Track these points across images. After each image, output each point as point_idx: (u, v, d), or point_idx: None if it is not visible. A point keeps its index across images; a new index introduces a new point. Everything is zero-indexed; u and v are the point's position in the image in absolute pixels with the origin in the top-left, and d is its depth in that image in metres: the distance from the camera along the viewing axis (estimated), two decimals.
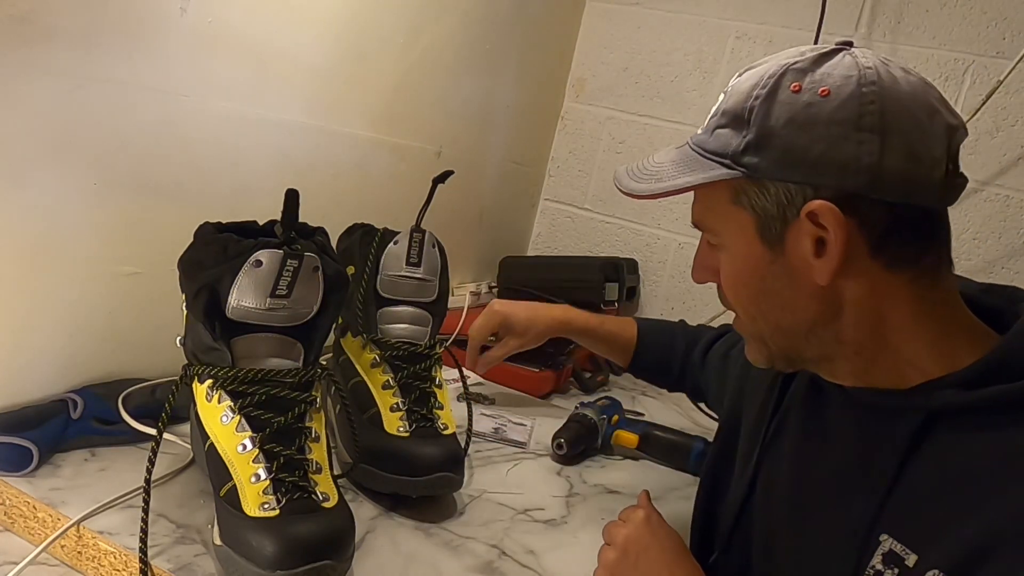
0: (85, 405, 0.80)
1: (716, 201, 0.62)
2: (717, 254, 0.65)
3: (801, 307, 0.61)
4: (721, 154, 0.60)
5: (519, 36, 1.56)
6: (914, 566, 0.54)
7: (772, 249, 0.60)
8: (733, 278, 0.64)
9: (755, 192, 0.59)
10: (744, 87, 0.60)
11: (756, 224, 0.60)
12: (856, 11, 1.51)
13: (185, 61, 0.89)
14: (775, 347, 0.65)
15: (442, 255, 0.90)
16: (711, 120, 0.63)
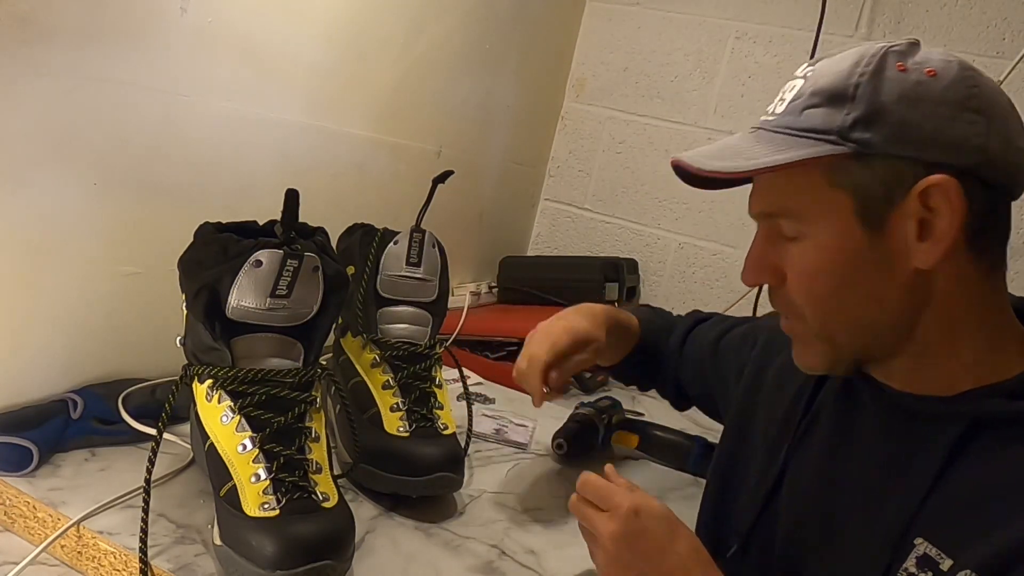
0: (85, 405, 0.80)
1: (808, 183, 0.59)
2: (785, 248, 0.62)
3: (889, 298, 0.59)
4: (823, 131, 0.57)
5: (519, 36, 1.56)
6: (948, 570, 0.54)
7: (871, 232, 0.57)
8: (815, 269, 0.60)
9: (858, 171, 0.57)
10: (841, 67, 0.58)
11: (855, 206, 0.57)
12: (856, 11, 1.51)
13: (185, 61, 0.89)
14: (847, 347, 0.62)
15: (442, 255, 0.90)
16: (794, 103, 0.60)
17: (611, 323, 0.95)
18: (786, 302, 0.63)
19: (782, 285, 0.63)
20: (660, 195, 1.73)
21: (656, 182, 1.73)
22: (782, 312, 0.65)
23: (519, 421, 1.14)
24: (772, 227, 0.63)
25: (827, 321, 0.61)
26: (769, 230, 0.63)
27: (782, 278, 0.63)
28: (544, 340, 0.90)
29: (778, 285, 0.63)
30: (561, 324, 0.91)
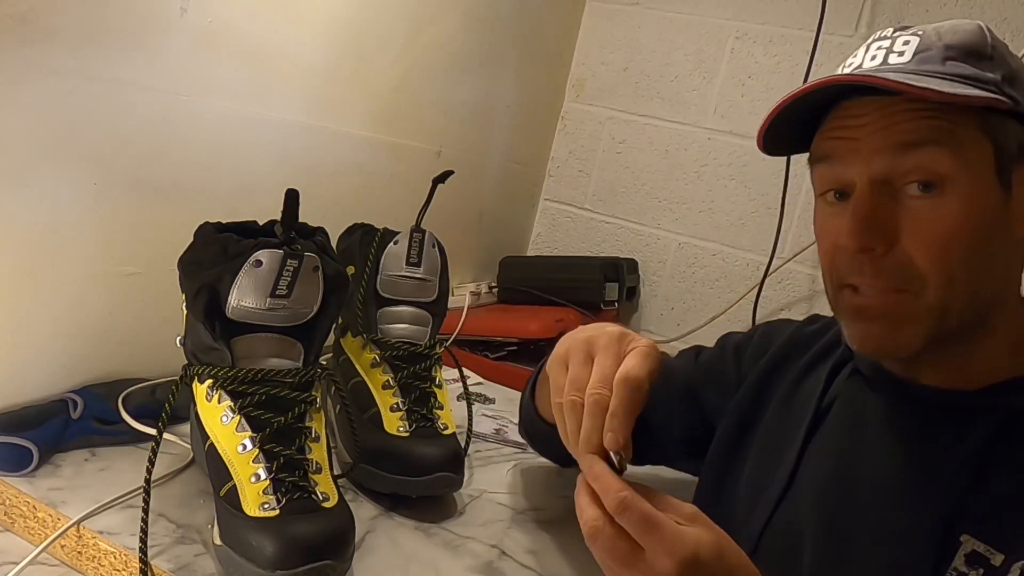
0: (85, 405, 0.80)
1: (962, 127, 0.55)
2: (909, 205, 0.56)
3: (999, 268, 0.58)
4: (981, 80, 0.55)
5: (519, 36, 1.56)
6: (1001, 565, 0.54)
7: (1004, 190, 0.56)
8: (954, 227, 0.55)
9: (1005, 125, 0.56)
10: (966, 27, 0.58)
11: (995, 160, 0.56)
12: (856, 11, 1.51)
13: (185, 61, 0.89)
14: (954, 323, 0.57)
15: (442, 255, 0.90)
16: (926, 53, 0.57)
17: None
18: (897, 271, 0.57)
19: (887, 252, 0.57)
20: (660, 195, 1.73)
21: (656, 182, 1.73)
22: (885, 286, 0.58)
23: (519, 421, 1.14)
24: (891, 180, 0.57)
25: (951, 290, 0.56)
26: (884, 186, 0.57)
27: (891, 243, 0.57)
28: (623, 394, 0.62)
29: (883, 252, 0.57)
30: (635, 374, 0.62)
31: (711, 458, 0.80)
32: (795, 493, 0.69)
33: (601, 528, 0.51)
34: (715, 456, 0.79)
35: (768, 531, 0.69)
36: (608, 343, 0.62)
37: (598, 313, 1.58)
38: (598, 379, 0.59)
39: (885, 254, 0.57)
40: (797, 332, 0.80)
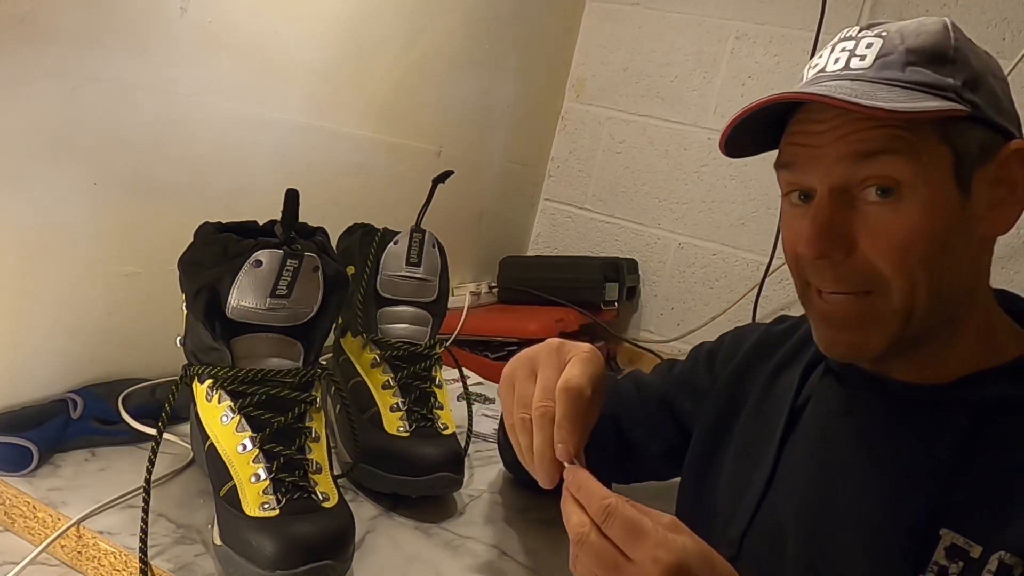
0: (85, 405, 0.80)
1: (919, 135, 0.56)
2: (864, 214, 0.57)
3: (962, 269, 0.58)
4: (940, 87, 0.56)
5: (519, 36, 1.56)
6: (979, 557, 0.54)
7: (962, 194, 0.57)
8: (911, 231, 0.56)
9: (964, 130, 0.56)
10: (930, 28, 0.58)
11: (954, 165, 0.56)
12: (856, 11, 1.51)
13: (185, 61, 0.89)
14: (918, 324, 0.58)
15: (442, 255, 0.90)
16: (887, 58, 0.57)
17: None
18: (859, 276, 0.58)
19: (846, 257, 0.58)
20: (660, 195, 1.73)
21: (656, 182, 1.73)
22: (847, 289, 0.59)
23: None
24: (849, 187, 0.58)
25: (913, 293, 0.57)
26: (842, 193, 0.58)
27: (849, 248, 0.58)
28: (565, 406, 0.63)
29: (842, 257, 0.58)
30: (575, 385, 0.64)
31: (689, 462, 0.80)
32: (775, 494, 0.69)
33: (587, 535, 0.51)
34: (693, 460, 0.79)
35: (750, 533, 0.69)
36: (547, 356, 0.64)
37: (598, 313, 1.58)
38: (541, 392, 0.61)
39: (844, 259, 0.58)
40: (766, 333, 0.81)
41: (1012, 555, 0.53)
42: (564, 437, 0.58)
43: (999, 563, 0.53)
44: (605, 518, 0.50)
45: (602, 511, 0.50)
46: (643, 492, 0.97)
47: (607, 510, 0.50)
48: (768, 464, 0.70)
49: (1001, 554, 0.53)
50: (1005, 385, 0.58)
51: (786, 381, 0.73)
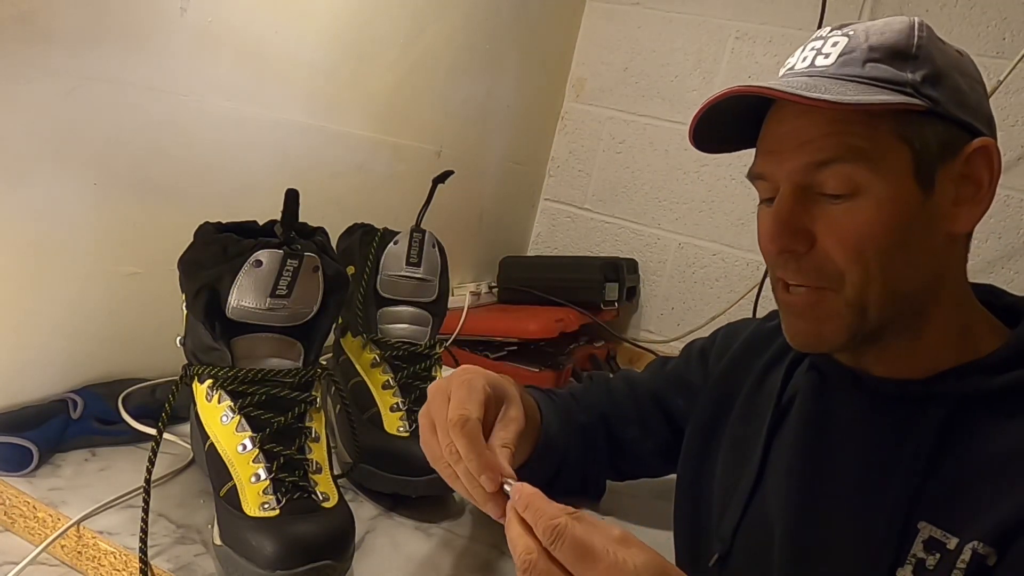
0: (85, 405, 0.80)
1: (874, 131, 0.57)
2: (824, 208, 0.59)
3: (923, 265, 0.59)
4: (896, 83, 0.57)
5: (519, 36, 1.56)
6: (955, 548, 0.55)
7: (923, 191, 0.58)
8: (868, 227, 0.57)
9: (924, 126, 0.57)
10: (895, 27, 0.59)
11: (913, 161, 0.57)
12: (856, 11, 1.51)
13: (185, 61, 0.89)
14: (874, 319, 0.60)
15: (442, 255, 0.90)
16: (849, 55, 0.58)
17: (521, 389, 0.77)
18: (816, 270, 0.60)
19: (807, 252, 0.60)
20: (660, 195, 1.73)
21: (656, 182, 1.73)
22: (806, 282, 0.61)
23: None
24: (807, 184, 0.59)
25: (867, 288, 0.59)
26: (801, 189, 0.60)
27: (809, 243, 0.60)
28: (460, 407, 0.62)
29: (803, 251, 0.60)
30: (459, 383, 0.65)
31: (684, 459, 0.80)
32: (764, 491, 0.70)
33: (535, 562, 0.47)
34: (687, 457, 0.80)
35: (741, 530, 0.70)
36: (434, 398, 0.64)
37: (598, 313, 1.58)
38: (442, 436, 0.61)
39: (805, 254, 0.60)
40: (758, 329, 0.81)
41: (985, 545, 0.54)
42: (477, 469, 0.57)
43: (972, 553, 0.54)
44: (553, 540, 0.47)
45: (550, 533, 0.47)
46: (646, 492, 0.97)
47: (555, 532, 0.47)
48: (756, 460, 0.70)
49: (974, 544, 0.54)
50: (980, 378, 0.59)
51: (775, 377, 0.73)
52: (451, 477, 0.61)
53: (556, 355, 1.36)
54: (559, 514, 0.48)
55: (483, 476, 0.57)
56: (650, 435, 0.86)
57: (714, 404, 0.79)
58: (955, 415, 0.58)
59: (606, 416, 0.87)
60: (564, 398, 0.88)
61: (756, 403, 0.74)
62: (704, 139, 0.66)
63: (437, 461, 0.62)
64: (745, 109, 0.63)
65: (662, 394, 0.87)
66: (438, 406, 0.63)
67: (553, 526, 0.47)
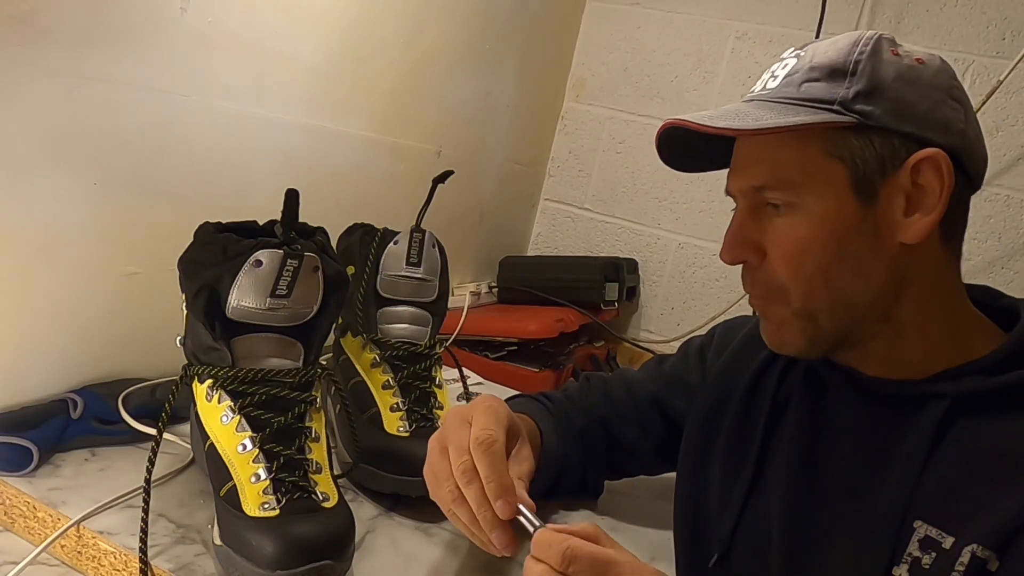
0: (85, 405, 0.80)
1: (804, 153, 0.59)
2: (769, 223, 0.62)
3: (874, 274, 0.60)
4: (824, 101, 0.58)
5: (519, 36, 1.56)
6: (951, 547, 0.55)
7: (864, 205, 0.59)
8: (805, 242, 0.60)
9: (856, 142, 0.58)
10: (839, 45, 0.60)
11: (850, 177, 0.59)
12: (856, 11, 1.51)
13: (185, 61, 0.89)
14: (828, 326, 0.62)
15: (442, 255, 0.90)
16: (790, 77, 0.61)
17: None
18: (765, 281, 0.63)
19: (760, 264, 0.63)
20: (660, 195, 1.73)
21: (656, 182, 1.73)
22: (758, 293, 0.65)
23: None
24: (756, 202, 0.63)
25: (811, 298, 0.61)
26: (752, 205, 0.63)
27: (762, 256, 0.63)
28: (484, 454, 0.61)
29: (757, 264, 0.63)
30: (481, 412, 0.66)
31: (683, 458, 0.80)
32: (761, 490, 0.70)
33: None
34: (686, 457, 0.80)
35: (739, 529, 0.70)
36: (453, 425, 0.64)
37: (598, 313, 1.58)
38: (456, 455, 0.61)
39: (758, 265, 0.63)
40: (754, 328, 0.81)
41: (985, 548, 0.54)
42: (497, 490, 0.57)
43: (971, 556, 0.54)
44: (572, 561, 0.50)
45: (563, 557, 0.50)
46: (645, 492, 0.97)
47: (567, 554, 0.50)
48: (752, 460, 0.71)
49: (974, 547, 0.54)
50: (976, 379, 0.59)
51: (771, 376, 0.74)
52: (456, 501, 0.60)
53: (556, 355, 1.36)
54: (567, 537, 0.51)
55: (501, 500, 0.57)
56: (649, 436, 0.87)
57: (712, 403, 0.79)
58: (951, 415, 0.59)
59: (605, 419, 0.87)
60: (560, 404, 0.88)
61: (752, 402, 0.74)
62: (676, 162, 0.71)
63: (441, 485, 0.62)
64: None
65: (660, 395, 0.87)
66: (455, 430, 0.63)
67: (563, 549, 0.50)
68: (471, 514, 0.59)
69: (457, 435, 0.62)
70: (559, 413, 0.86)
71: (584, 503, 0.91)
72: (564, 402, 0.89)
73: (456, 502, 0.60)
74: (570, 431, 0.85)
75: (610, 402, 0.88)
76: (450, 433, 0.63)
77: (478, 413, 0.64)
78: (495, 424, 0.62)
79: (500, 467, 0.59)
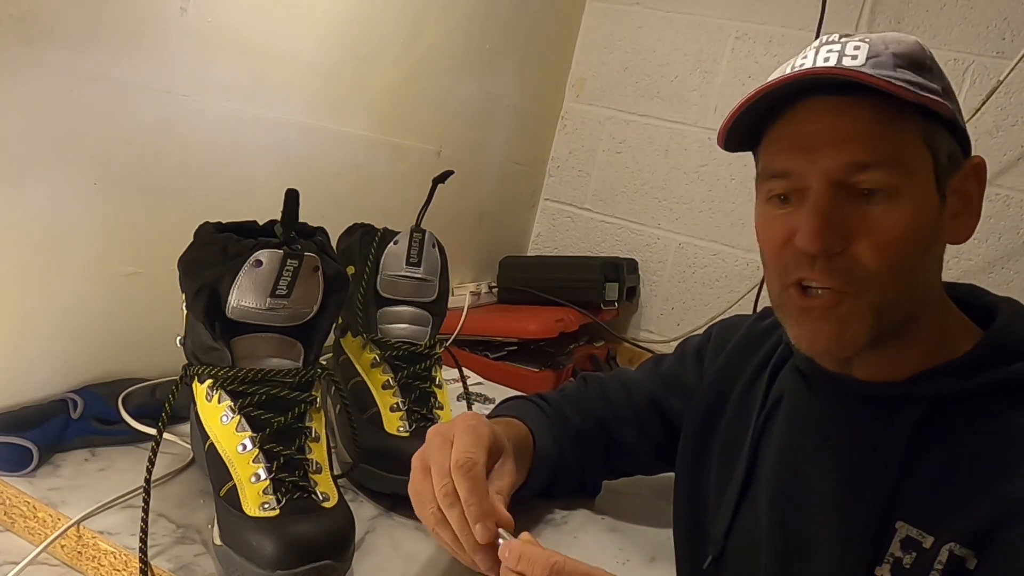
0: (85, 405, 0.80)
1: (906, 136, 0.57)
2: (862, 209, 0.57)
3: (933, 271, 0.62)
4: (929, 89, 0.57)
5: (519, 36, 1.56)
6: (930, 547, 0.56)
7: (940, 201, 0.59)
8: (905, 230, 0.57)
9: (942, 135, 0.59)
10: (906, 40, 0.60)
11: (935, 169, 0.58)
12: (856, 11, 1.51)
13: (185, 61, 0.89)
14: (894, 321, 0.59)
15: (442, 255, 0.90)
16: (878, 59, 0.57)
17: None
18: (846, 270, 0.58)
19: (843, 251, 0.58)
20: (660, 195, 1.73)
21: (656, 182, 1.73)
22: (835, 284, 0.58)
23: None
24: (847, 183, 0.57)
25: (893, 289, 0.58)
26: (839, 187, 0.58)
27: (846, 242, 0.58)
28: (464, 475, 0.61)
29: (840, 251, 0.58)
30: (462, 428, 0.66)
31: (680, 459, 0.80)
32: (752, 494, 0.70)
33: None
34: (684, 458, 0.80)
35: (732, 533, 0.71)
36: (432, 442, 0.64)
37: (598, 313, 1.58)
38: (437, 477, 0.60)
39: (839, 254, 0.58)
40: (751, 329, 0.81)
41: (962, 546, 0.54)
42: (477, 514, 0.57)
43: (949, 554, 0.54)
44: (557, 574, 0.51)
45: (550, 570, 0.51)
46: (646, 491, 0.97)
47: (554, 569, 0.51)
48: (744, 462, 0.71)
49: (951, 545, 0.54)
50: (954, 379, 0.59)
51: (763, 378, 0.74)
52: (439, 523, 0.60)
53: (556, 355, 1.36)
54: (553, 554, 0.52)
55: (479, 524, 0.57)
56: (646, 436, 0.86)
57: (708, 405, 0.79)
58: (931, 416, 0.59)
59: (603, 420, 0.87)
60: (557, 404, 0.88)
61: (746, 405, 0.74)
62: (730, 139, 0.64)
63: (425, 506, 0.62)
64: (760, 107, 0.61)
65: (658, 396, 0.86)
66: (437, 449, 0.62)
67: (551, 564, 0.51)
68: (454, 536, 0.59)
69: (439, 455, 0.62)
70: (555, 414, 0.86)
71: (583, 503, 0.91)
72: (561, 402, 0.88)
73: (439, 524, 0.60)
74: (567, 432, 0.85)
75: (608, 403, 0.88)
76: (433, 453, 0.63)
77: (459, 432, 0.63)
78: (474, 446, 0.62)
79: (480, 490, 0.59)
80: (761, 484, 0.69)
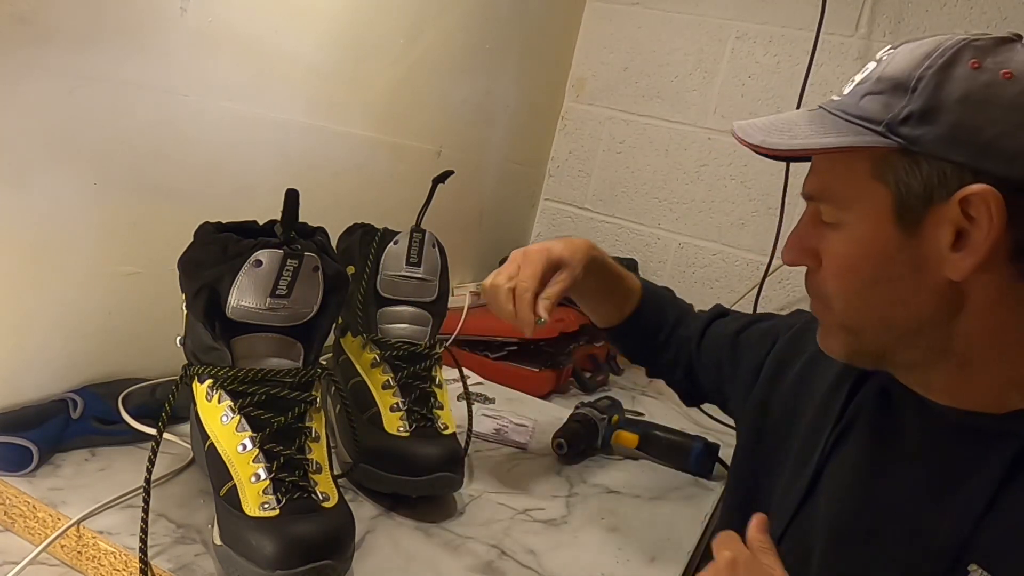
0: (85, 405, 0.80)
1: (852, 171, 0.57)
2: (824, 234, 0.61)
3: (917, 302, 0.57)
4: (874, 120, 0.55)
5: (519, 36, 1.56)
6: None
7: (905, 233, 0.56)
8: (847, 260, 0.59)
9: (903, 167, 0.55)
10: (914, 55, 0.55)
11: (894, 203, 0.56)
12: (856, 11, 1.51)
13: (185, 61, 0.89)
14: (869, 343, 0.61)
15: (442, 255, 0.90)
16: (857, 87, 0.58)
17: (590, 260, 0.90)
18: (816, 287, 0.64)
19: (817, 269, 0.63)
20: (660, 195, 1.73)
21: (656, 182, 1.73)
22: (813, 296, 0.65)
23: (519, 421, 1.14)
24: (816, 210, 0.62)
25: (852, 314, 0.61)
26: (814, 212, 0.63)
27: (818, 262, 0.63)
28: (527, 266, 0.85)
29: (814, 269, 0.63)
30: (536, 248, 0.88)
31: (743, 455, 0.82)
32: (813, 504, 0.68)
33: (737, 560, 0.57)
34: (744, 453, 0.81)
35: (786, 538, 0.69)
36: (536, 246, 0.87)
37: None
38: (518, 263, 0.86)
39: (815, 270, 0.64)
40: None
41: None
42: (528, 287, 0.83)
43: None
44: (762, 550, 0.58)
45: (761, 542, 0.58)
46: (646, 492, 0.97)
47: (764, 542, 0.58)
48: (810, 472, 0.69)
49: None
50: None
51: (841, 392, 0.72)
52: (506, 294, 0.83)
53: (556, 355, 1.36)
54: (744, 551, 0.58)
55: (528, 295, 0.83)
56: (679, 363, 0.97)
57: (785, 407, 0.78)
58: (1021, 457, 0.55)
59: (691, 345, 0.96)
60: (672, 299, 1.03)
61: (822, 415, 0.73)
62: None
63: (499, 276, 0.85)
64: None
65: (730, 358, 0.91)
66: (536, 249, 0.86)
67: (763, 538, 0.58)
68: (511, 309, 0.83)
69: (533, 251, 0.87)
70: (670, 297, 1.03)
71: (583, 503, 0.91)
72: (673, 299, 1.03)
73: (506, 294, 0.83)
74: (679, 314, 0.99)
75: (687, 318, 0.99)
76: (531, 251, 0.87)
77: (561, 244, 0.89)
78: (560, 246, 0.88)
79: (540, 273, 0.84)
80: (825, 497, 0.68)
